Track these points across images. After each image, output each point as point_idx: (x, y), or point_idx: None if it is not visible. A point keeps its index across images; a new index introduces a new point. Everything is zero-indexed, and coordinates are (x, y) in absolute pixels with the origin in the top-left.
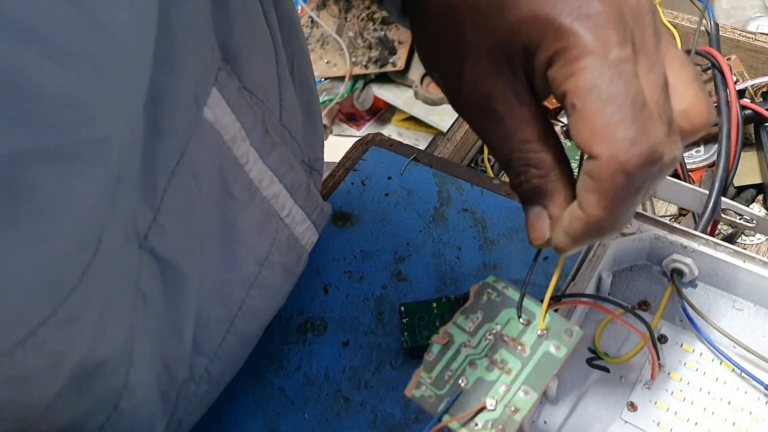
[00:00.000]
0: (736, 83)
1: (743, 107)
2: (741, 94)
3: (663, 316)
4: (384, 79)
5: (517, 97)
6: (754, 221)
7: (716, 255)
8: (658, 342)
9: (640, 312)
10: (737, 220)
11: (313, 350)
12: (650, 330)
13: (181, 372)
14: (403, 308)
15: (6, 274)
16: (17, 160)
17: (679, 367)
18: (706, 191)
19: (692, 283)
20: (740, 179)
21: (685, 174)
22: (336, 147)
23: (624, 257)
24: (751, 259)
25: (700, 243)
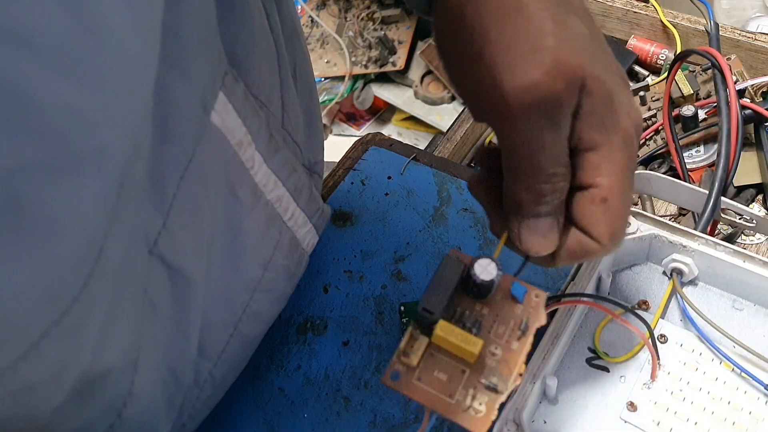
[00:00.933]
0: (736, 83)
1: (743, 107)
2: (741, 93)
3: (663, 316)
4: (384, 78)
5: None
6: (754, 221)
7: (716, 255)
8: (657, 342)
9: (639, 312)
10: (737, 219)
11: (313, 350)
12: (650, 330)
13: (187, 377)
14: (403, 308)
15: (5, 288)
16: (16, 173)
17: (679, 367)
18: (706, 191)
19: (692, 283)
20: (740, 179)
21: (685, 174)
22: (336, 147)
23: (624, 257)
24: (751, 259)
25: (700, 243)
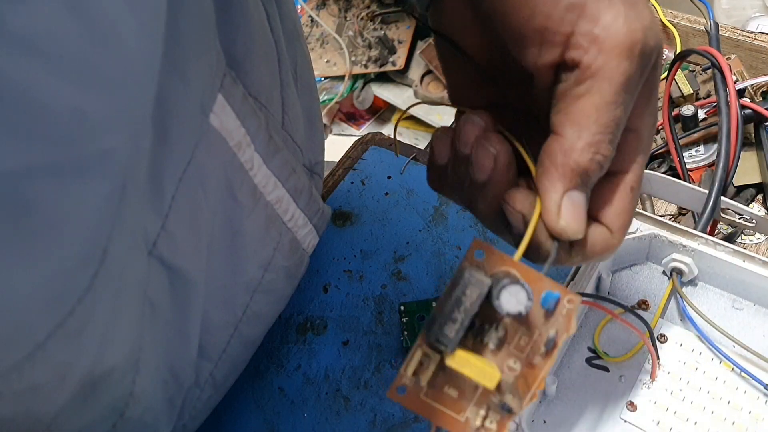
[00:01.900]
0: (735, 83)
1: (743, 107)
2: (741, 93)
3: (663, 316)
4: (384, 78)
5: None
6: (754, 221)
7: (716, 254)
8: (657, 341)
9: (639, 311)
10: (737, 219)
11: (312, 350)
12: (650, 329)
13: (187, 378)
14: (402, 308)
15: (11, 289)
16: (22, 176)
17: (679, 367)
18: (706, 191)
19: (692, 283)
20: (740, 179)
21: (685, 173)
22: (336, 146)
23: (624, 257)
24: (751, 259)
25: (700, 242)
